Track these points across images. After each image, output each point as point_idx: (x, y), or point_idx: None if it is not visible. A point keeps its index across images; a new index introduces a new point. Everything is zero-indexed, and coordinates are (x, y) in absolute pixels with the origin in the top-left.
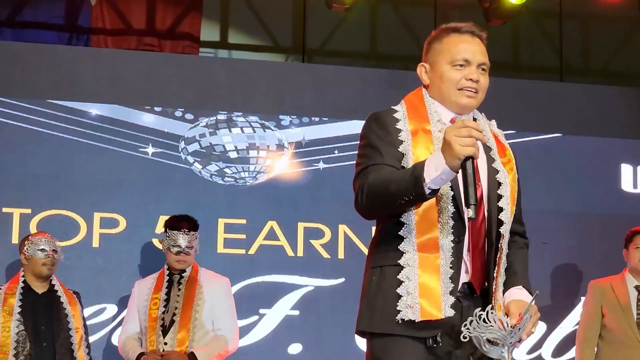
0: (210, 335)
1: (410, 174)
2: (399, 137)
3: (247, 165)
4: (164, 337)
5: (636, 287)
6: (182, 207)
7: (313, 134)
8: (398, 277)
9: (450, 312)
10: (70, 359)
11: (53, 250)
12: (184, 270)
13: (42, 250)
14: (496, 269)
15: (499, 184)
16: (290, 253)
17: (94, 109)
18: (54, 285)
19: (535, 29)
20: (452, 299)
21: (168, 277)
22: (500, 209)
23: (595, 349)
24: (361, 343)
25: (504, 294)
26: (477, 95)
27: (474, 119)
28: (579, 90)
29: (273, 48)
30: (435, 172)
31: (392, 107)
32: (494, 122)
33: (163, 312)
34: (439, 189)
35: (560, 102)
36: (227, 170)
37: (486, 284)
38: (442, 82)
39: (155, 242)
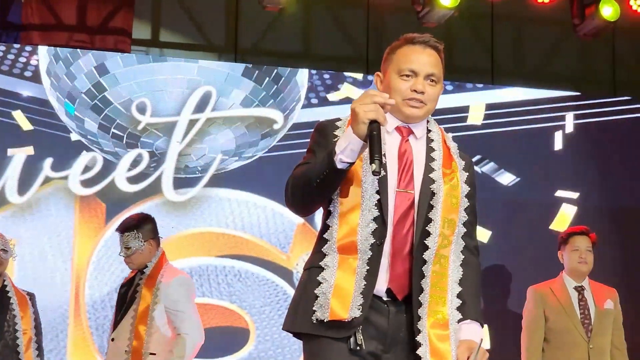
0: (161, 336)
1: (325, 153)
2: (334, 141)
3: None
4: (111, 333)
5: (576, 288)
6: None
7: None
8: (317, 278)
9: (357, 313)
10: None
11: (1, 249)
12: (145, 267)
13: None
14: (429, 280)
15: (433, 194)
16: None
17: None
18: (6, 285)
19: (468, 32)
20: (361, 299)
21: (133, 275)
22: (429, 220)
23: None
24: None
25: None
26: (423, 107)
27: (428, 130)
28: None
29: (205, 47)
30: (345, 143)
31: (339, 117)
32: (450, 135)
33: (119, 310)
34: (353, 162)
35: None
36: None
37: (409, 291)
38: (389, 91)
39: None
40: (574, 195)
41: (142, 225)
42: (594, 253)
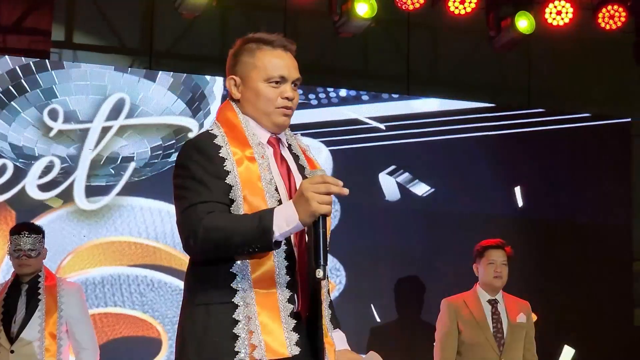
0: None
1: (257, 225)
2: (225, 168)
3: None
4: (11, 345)
5: (489, 302)
6: None
7: None
8: (233, 316)
9: (296, 350)
10: None
11: None
12: (37, 277)
13: None
14: (321, 295)
15: None
16: None
17: None
18: None
19: (385, 41)
20: (295, 337)
21: (13, 285)
22: None
23: None
24: None
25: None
26: (291, 113)
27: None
28: None
29: (120, 49)
30: (287, 227)
31: (209, 130)
32: (299, 135)
33: (5, 321)
34: (282, 240)
35: None
36: None
37: (309, 310)
38: (257, 99)
39: None
40: (488, 206)
41: (43, 233)
42: (508, 266)
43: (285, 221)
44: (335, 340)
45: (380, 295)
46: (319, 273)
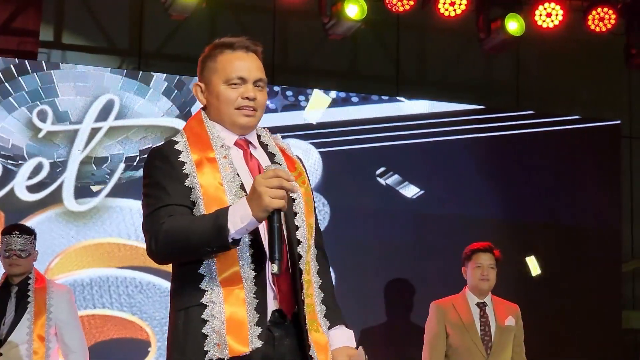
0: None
1: (213, 224)
2: (184, 171)
3: None
4: None
5: (478, 305)
6: None
7: None
8: (202, 316)
9: (258, 344)
10: None
11: None
12: (27, 279)
13: None
14: (305, 291)
15: (293, 200)
16: None
17: None
18: None
19: (374, 43)
20: (259, 330)
21: (3, 287)
22: (297, 228)
23: None
24: None
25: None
26: (256, 114)
27: (258, 136)
28: None
29: (109, 50)
30: (242, 224)
31: (172, 138)
32: (279, 135)
33: None
34: (241, 238)
35: None
36: None
37: (296, 307)
38: (219, 103)
39: None
40: (478, 208)
41: (35, 235)
42: (497, 269)
43: (240, 218)
44: (335, 337)
45: (370, 298)
46: (274, 268)
